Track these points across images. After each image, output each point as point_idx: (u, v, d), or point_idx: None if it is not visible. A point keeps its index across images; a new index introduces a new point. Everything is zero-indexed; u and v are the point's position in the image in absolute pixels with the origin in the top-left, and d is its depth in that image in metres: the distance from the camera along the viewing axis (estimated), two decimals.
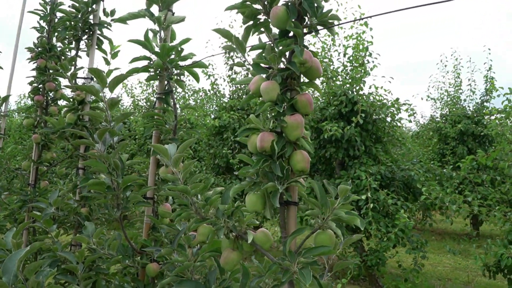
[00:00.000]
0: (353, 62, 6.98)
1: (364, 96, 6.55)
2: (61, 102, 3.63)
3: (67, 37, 2.85)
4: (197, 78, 2.11)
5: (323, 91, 7.17)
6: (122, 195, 1.76)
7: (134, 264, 1.87)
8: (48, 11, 3.21)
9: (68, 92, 3.31)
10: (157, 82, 2.14)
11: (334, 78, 6.93)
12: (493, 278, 4.86)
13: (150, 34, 1.98)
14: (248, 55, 1.54)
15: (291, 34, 1.38)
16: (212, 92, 8.74)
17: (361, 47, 6.85)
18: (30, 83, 3.34)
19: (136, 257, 1.91)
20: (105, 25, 2.86)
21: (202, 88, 9.22)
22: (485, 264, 4.80)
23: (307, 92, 1.36)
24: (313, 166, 6.99)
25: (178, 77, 2.01)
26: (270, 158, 1.34)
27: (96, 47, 2.86)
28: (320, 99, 7.06)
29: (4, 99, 4.14)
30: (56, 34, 3.34)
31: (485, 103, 10.58)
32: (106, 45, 3.04)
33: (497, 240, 4.87)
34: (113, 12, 2.90)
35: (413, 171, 6.19)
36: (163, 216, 2.03)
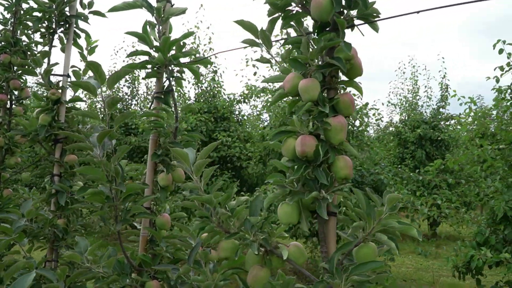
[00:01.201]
0: None
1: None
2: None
3: (40, 30, 2.57)
4: (198, 76, 1.94)
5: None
6: (122, 206, 1.55)
7: (133, 283, 1.66)
8: (14, 1, 2.90)
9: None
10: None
11: None
12: (463, 279, 4.98)
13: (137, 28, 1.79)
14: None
15: (328, 29, 1.26)
16: (176, 94, 8.47)
17: None
18: None
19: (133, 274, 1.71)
20: (83, 17, 2.60)
21: None
22: (455, 265, 4.91)
23: (348, 91, 1.25)
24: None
25: (180, 75, 1.83)
26: (309, 164, 1.20)
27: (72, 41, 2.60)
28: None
29: None
30: (21, 27, 3.03)
31: (441, 109, 11.02)
32: (81, 40, 2.79)
33: (466, 242, 5.00)
34: (91, 4, 2.65)
35: (382, 175, 6.27)
36: (161, 228, 1.83)
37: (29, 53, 3.05)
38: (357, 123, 7.01)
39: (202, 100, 8.11)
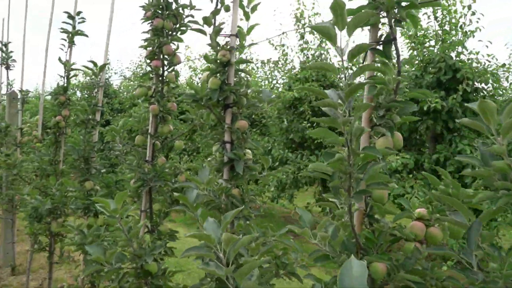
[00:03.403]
0: (445, 25, 6.27)
1: (467, 62, 5.86)
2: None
3: None
4: (416, 24, 1.62)
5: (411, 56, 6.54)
6: (362, 174, 1.32)
7: None
8: None
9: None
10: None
11: (427, 44, 6.25)
12: None
13: None
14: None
15: None
16: (282, 62, 8.23)
17: (454, 8, 6.11)
18: (144, 47, 2.95)
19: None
20: None
21: (270, 59, 8.69)
22: None
23: None
24: (406, 140, 6.40)
25: (403, 21, 1.53)
26: None
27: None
28: (410, 66, 6.42)
29: (101, 68, 3.81)
30: None
31: None
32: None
33: None
34: None
35: None
36: (377, 201, 1.59)
37: (178, 17, 2.95)
38: (488, 86, 6.23)
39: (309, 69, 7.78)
